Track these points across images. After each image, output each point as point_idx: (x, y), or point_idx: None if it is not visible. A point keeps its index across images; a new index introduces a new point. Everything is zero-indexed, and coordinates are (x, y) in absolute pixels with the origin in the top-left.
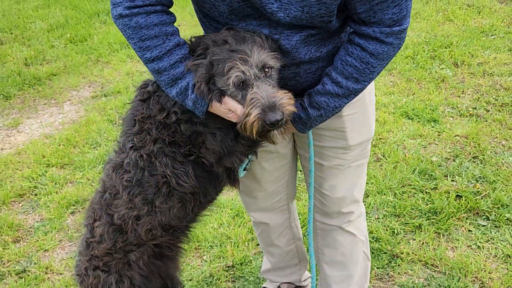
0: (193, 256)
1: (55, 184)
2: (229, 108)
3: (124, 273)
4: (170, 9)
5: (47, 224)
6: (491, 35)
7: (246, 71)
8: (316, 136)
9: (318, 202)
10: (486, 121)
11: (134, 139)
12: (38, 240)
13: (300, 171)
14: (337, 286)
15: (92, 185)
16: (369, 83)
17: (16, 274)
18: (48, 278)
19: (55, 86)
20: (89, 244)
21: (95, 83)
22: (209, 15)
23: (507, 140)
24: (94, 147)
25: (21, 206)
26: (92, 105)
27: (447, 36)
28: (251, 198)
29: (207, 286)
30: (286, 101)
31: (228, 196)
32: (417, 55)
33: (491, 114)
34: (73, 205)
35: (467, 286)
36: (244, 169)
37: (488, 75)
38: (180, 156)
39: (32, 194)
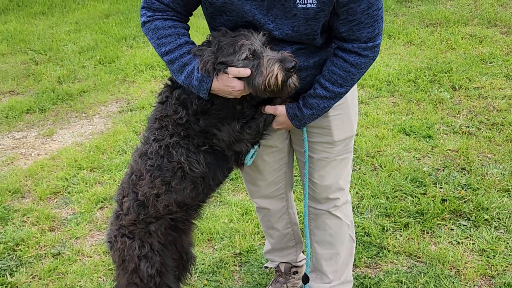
0: (205, 246)
1: (86, 184)
2: (234, 75)
3: (146, 240)
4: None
5: (79, 216)
6: (490, 63)
7: (253, 44)
8: (307, 133)
9: (310, 190)
10: (476, 137)
11: (156, 133)
12: (70, 230)
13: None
14: (326, 262)
15: (118, 185)
16: (351, 87)
17: (52, 256)
18: (80, 259)
19: (86, 101)
20: (118, 216)
21: (121, 99)
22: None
23: (494, 154)
24: (120, 154)
25: (56, 202)
26: (119, 118)
27: (448, 62)
28: (255, 186)
29: (217, 269)
30: (291, 55)
31: (238, 197)
32: (418, 79)
33: (482, 132)
34: (102, 202)
35: (443, 273)
36: (251, 157)
37: (483, 98)
38: (192, 147)
39: (65, 192)
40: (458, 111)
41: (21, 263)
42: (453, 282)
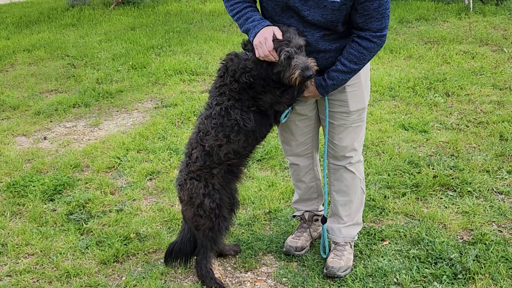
0: (239, 209)
1: (135, 161)
2: (265, 36)
3: (209, 181)
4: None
5: (132, 185)
6: (480, 74)
7: (290, 50)
8: (329, 104)
9: (330, 149)
10: (465, 132)
11: (217, 98)
12: (128, 193)
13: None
14: (342, 207)
15: (162, 163)
16: (363, 66)
17: (116, 211)
18: (139, 214)
19: (124, 99)
20: (188, 164)
21: (155, 98)
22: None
23: (478, 145)
24: (161, 140)
25: (111, 174)
26: (156, 112)
27: (443, 73)
28: (288, 146)
29: (251, 222)
30: (313, 63)
31: (265, 174)
32: (416, 87)
33: (469, 128)
34: (150, 175)
35: (433, 226)
36: (285, 116)
37: (472, 102)
38: (245, 108)
39: (118, 167)
40: (450, 112)
41: (91, 216)
42: (440, 232)
